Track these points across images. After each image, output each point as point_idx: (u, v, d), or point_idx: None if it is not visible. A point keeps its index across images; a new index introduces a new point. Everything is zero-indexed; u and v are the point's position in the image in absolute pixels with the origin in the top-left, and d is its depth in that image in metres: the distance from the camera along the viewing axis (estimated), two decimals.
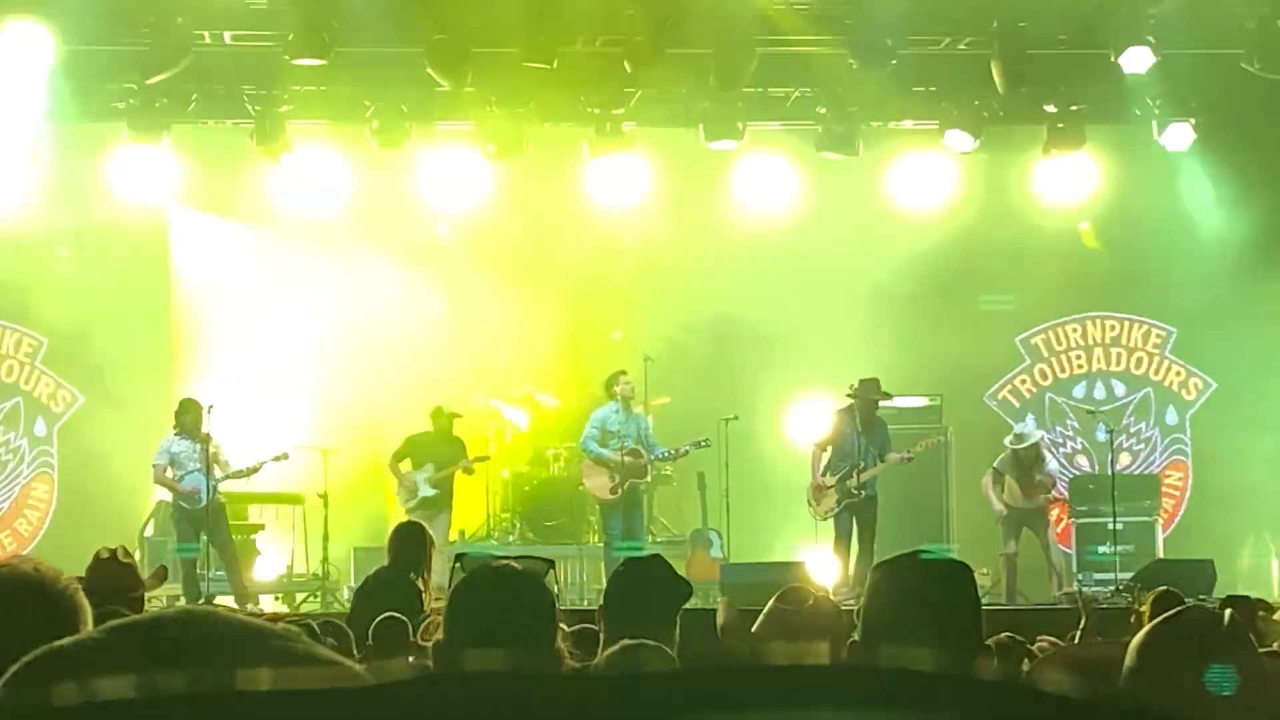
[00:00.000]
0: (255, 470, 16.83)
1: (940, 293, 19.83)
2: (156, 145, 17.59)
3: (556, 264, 19.81)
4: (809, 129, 18.52)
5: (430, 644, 3.71)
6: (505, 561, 3.91)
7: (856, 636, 3.44)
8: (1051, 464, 17.67)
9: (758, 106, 18.12)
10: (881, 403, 18.35)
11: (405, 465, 17.64)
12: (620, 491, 17.19)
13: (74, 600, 2.95)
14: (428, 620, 6.15)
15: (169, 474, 16.61)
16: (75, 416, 20.13)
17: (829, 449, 16.99)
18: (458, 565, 3.95)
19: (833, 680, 1.29)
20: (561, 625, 3.81)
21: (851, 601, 14.60)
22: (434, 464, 17.46)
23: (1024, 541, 17.10)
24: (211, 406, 16.33)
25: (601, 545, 17.44)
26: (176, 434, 16.61)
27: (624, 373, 17.44)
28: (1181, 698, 2.62)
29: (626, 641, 4.56)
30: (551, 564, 4.03)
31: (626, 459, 17.12)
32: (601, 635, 5.21)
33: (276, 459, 16.74)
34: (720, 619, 4.45)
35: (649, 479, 17.40)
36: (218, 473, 16.53)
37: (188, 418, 16.54)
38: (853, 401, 16.91)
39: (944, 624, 3.30)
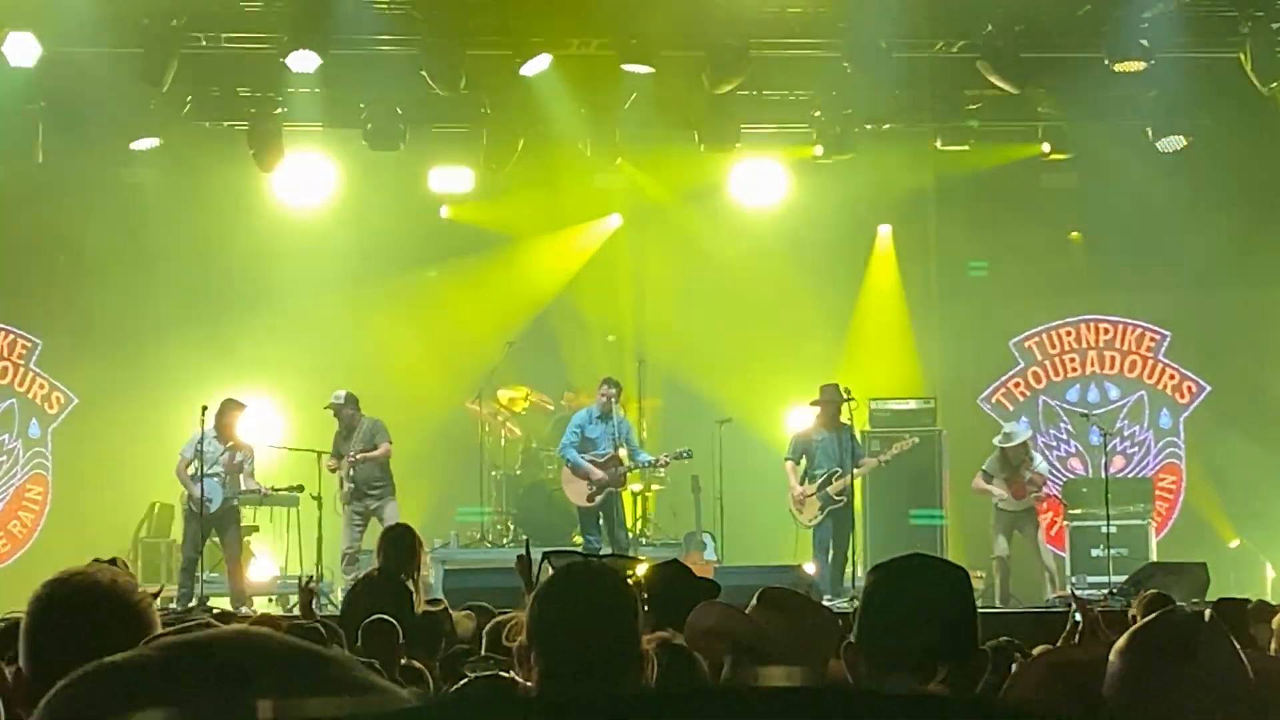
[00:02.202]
0: (269, 497, 16.86)
1: (933, 295, 19.86)
2: (152, 146, 17.58)
3: (551, 266, 19.83)
4: (804, 131, 18.54)
5: (515, 645, 3.68)
6: (590, 560, 3.88)
7: (852, 638, 3.44)
8: (1040, 463, 17.66)
9: (752, 109, 18.13)
10: (876, 405, 18.42)
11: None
12: (597, 500, 17.16)
13: (150, 615, 2.95)
14: (512, 621, 6.20)
15: (190, 470, 16.50)
16: (70, 418, 20.14)
17: (803, 459, 17.04)
18: (545, 564, 3.92)
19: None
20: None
21: (838, 603, 14.64)
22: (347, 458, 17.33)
23: (1015, 544, 17.09)
24: (205, 407, 16.32)
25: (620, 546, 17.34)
26: (213, 433, 16.49)
27: (608, 380, 17.32)
28: (1163, 700, 2.63)
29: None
30: (638, 561, 3.99)
31: (603, 468, 17.09)
32: None
33: (291, 489, 16.77)
34: (702, 621, 4.42)
35: (625, 487, 17.28)
36: (243, 483, 16.53)
37: (224, 419, 16.49)
38: (818, 410, 16.95)
39: (941, 627, 3.31)
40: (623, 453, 17.13)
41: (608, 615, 3.58)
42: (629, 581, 3.76)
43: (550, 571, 3.84)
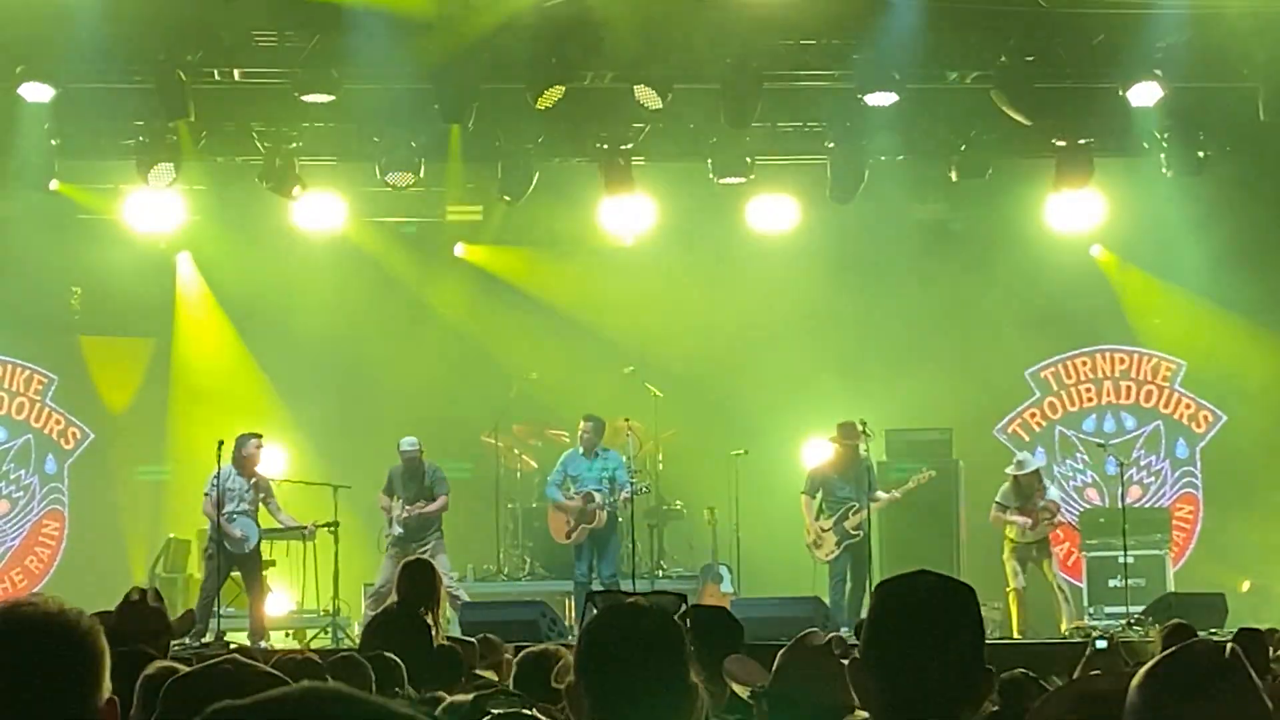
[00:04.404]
0: (306, 532, 16.82)
1: (950, 326, 19.83)
2: (166, 182, 17.61)
3: (567, 298, 19.84)
4: (818, 163, 18.54)
5: (564, 687, 3.66)
6: (636, 598, 3.87)
7: (857, 654, 3.43)
8: (1052, 490, 17.61)
9: (766, 141, 18.15)
10: (892, 434, 18.41)
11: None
12: (573, 536, 17.20)
13: (98, 645, 2.92)
14: (560, 664, 6.19)
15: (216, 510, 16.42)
16: (85, 454, 20.15)
17: (819, 493, 17.04)
18: (589, 604, 3.91)
19: None
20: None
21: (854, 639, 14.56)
22: (404, 501, 17.27)
23: (1030, 576, 17.03)
24: (222, 443, 16.28)
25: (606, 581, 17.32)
26: (232, 468, 16.41)
27: (586, 417, 17.39)
28: None
29: None
30: (684, 598, 3.97)
31: (578, 505, 17.14)
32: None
33: (328, 525, 16.75)
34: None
35: (598, 524, 17.24)
36: (279, 519, 16.54)
37: (241, 453, 16.41)
38: (834, 447, 16.96)
39: (945, 643, 3.29)
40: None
41: (653, 652, 3.57)
42: (677, 619, 3.74)
43: (594, 611, 3.82)
